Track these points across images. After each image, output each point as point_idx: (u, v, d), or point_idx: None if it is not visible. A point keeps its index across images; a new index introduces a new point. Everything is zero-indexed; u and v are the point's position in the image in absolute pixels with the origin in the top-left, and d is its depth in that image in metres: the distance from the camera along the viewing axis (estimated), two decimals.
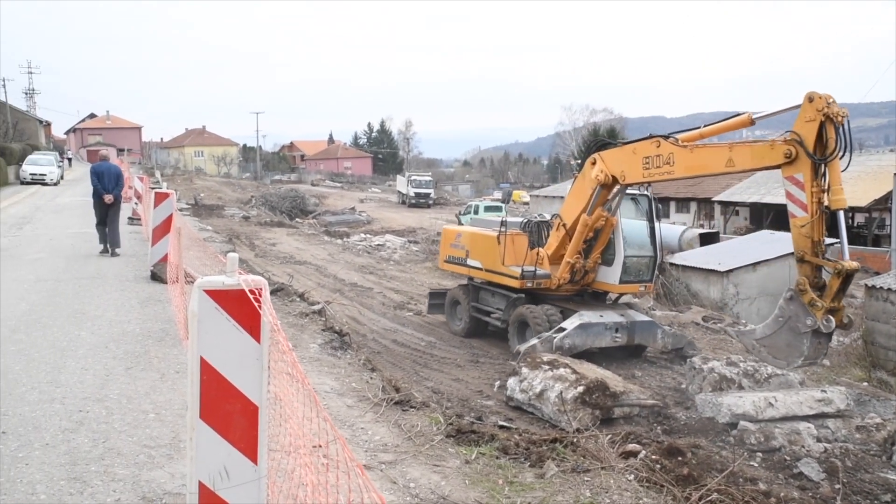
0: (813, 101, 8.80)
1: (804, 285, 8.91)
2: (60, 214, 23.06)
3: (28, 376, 6.48)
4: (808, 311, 8.85)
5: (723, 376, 10.30)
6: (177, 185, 43.16)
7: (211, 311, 3.16)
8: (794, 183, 8.99)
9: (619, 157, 12.02)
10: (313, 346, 8.38)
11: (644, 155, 11.34)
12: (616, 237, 13.10)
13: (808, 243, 8.92)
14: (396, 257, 27.46)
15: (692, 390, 10.60)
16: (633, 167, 11.63)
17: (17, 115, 68.40)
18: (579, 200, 12.84)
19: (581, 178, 12.93)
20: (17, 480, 4.43)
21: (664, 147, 10.99)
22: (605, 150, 12.39)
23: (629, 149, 11.84)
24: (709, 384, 10.29)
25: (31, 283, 11.06)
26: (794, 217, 9.04)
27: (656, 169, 11.11)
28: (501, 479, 5.18)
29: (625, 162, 11.82)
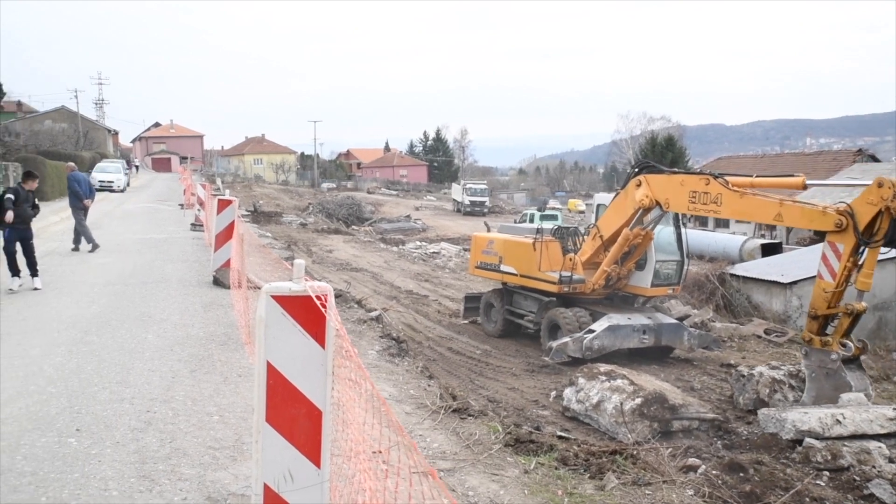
0: (882, 186, 8.93)
1: (809, 335, 9.67)
2: (127, 220, 23.81)
3: (99, 376, 6.71)
4: (826, 351, 9.51)
5: (773, 378, 10.38)
6: (236, 192, 44.05)
7: (278, 317, 3.22)
8: (833, 250, 9.38)
9: (665, 184, 12.14)
10: (371, 352, 8.45)
11: (692, 189, 11.46)
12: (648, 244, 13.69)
13: (824, 305, 9.50)
14: (451, 265, 27.51)
15: (744, 401, 10.56)
16: (678, 198, 11.80)
17: (88, 124, 71.01)
18: (619, 216, 13.26)
19: (623, 195, 13.18)
20: (91, 476, 4.59)
21: (713, 186, 11.05)
22: (651, 174, 12.52)
23: (677, 179, 11.95)
24: (764, 386, 10.30)
25: (101, 286, 11.44)
26: (821, 279, 9.54)
27: (702, 205, 11.29)
28: (561, 490, 5.14)
29: (671, 191, 11.98)
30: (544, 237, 14.66)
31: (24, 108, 67.37)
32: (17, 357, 7.30)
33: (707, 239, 26.06)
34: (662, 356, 13.80)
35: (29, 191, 11.46)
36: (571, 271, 13.97)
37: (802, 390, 10.08)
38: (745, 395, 10.62)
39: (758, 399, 10.39)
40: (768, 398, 10.33)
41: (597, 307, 14.02)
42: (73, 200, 16.06)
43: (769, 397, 10.32)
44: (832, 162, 40.62)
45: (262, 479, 3.29)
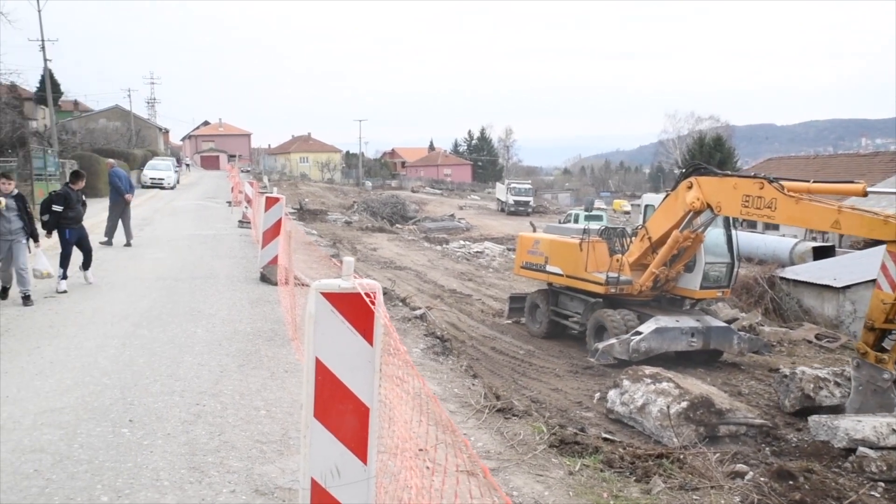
0: None
1: (864, 348, 9.34)
2: (176, 217, 24.30)
3: (151, 369, 6.87)
4: (878, 368, 9.24)
5: (817, 377, 10.22)
6: (282, 190, 44.57)
7: (327, 313, 3.25)
8: (894, 260, 9.11)
9: (717, 187, 11.91)
10: (416, 350, 8.49)
11: (745, 193, 11.20)
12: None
13: (882, 317, 9.23)
14: (495, 265, 27.46)
15: (790, 402, 10.38)
16: (731, 202, 11.56)
17: (140, 122, 72.68)
18: (668, 218, 13.06)
19: (674, 197, 12.97)
20: (143, 466, 4.70)
21: (768, 190, 10.79)
22: (703, 177, 12.27)
23: (730, 182, 11.70)
24: (808, 382, 10.14)
25: (152, 281, 11.70)
26: (880, 289, 9.28)
27: (756, 210, 11.02)
28: (606, 493, 5.10)
29: (723, 194, 11.75)
30: (591, 238, 14.55)
31: (80, 107, 69.31)
32: (74, 349, 7.52)
33: (756, 241, 25.51)
34: (709, 360, 13.57)
35: (77, 190, 11.54)
36: (618, 272, 13.84)
37: (849, 388, 9.87)
38: (790, 395, 10.42)
39: (803, 396, 10.23)
40: (814, 394, 10.15)
41: (644, 309, 13.86)
42: (113, 196, 16.50)
43: (815, 393, 10.15)
44: (889, 163, 39.38)
45: (309, 473, 3.32)
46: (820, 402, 10.20)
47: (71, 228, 11.23)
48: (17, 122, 25.47)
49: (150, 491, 4.38)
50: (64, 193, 11.32)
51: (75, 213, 11.27)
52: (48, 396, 6.01)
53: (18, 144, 23.40)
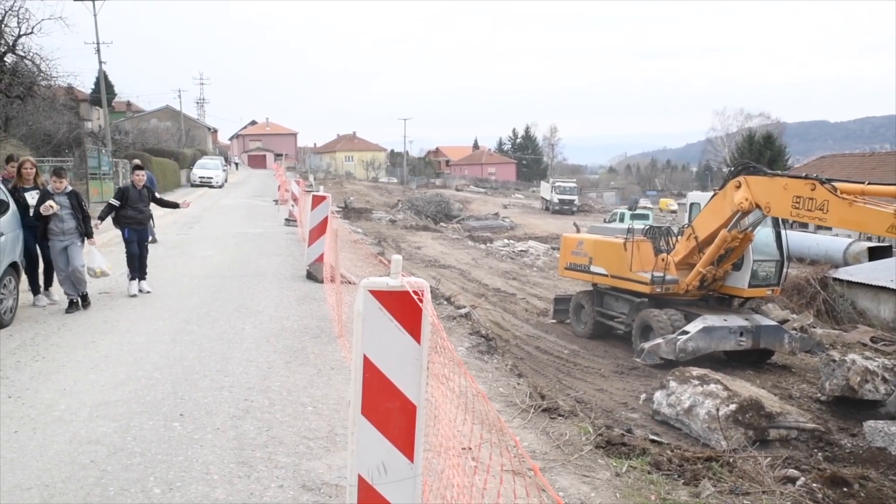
0: None
1: None
2: (225, 215, 24.71)
3: (200, 364, 7.00)
4: None
5: (866, 369, 10.01)
6: (328, 188, 44.97)
7: (375, 311, 3.27)
8: None
9: (767, 187, 11.64)
10: (461, 349, 8.49)
11: (796, 194, 10.93)
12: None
13: None
14: (539, 263, 27.33)
15: (830, 386, 10.11)
16: (781, 202, 11.30)
17: (190, 122, 74.22)
18: (716, 217, 12.83)
19: (721, 196, 12.73)
20: (194, 460, 4.79)
21: (820, 192, 10.49)
22: (752, 176, 11.99)
23: (780, 182, 11.42)
24: (855, 374, 9.93)
25: (201, 278, 11.92)
26: None
27: (807, 211, 10.74)
28: (654, 495, 5.03)
29: (773, 194, 11.48)
30: (636, 237, 14.39)
31: (132, 107, 71.05)
32: (126, 344, 7.70)
33: (807, 241, 24.91)
34: (758, 362, 13.31)
35: (141, 187, 10.73)
36: (664, 272, 13.67)
37: (895, 387, 9.61)
38: (832, 380, 10.17)
39: (846, 386, 10.00)
40: (858, 387, 9.89)
41: (690, 308, 13.67)
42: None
43: (859, 386, 9.89)
44: None
45: (356, 470, 3.34)
46: (861, 396, 9.98)
47: (131, 228, 10.59)
48: (74, 122, 26.23)
49: (200, 484, 4.46)
50: (124, 189, 10.82)
51: (135, 212, 10.58)
52: (103, 390, 6.17)
53: (74, 144, 24.09)
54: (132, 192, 10.60)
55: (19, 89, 19.01)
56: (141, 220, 10.70)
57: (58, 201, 9.12)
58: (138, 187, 10.65)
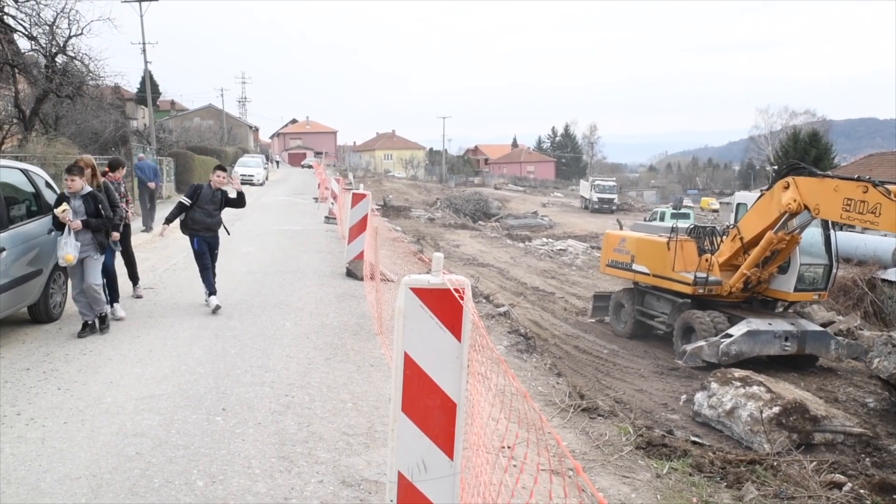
0: None
1: None
2: (266, 213, 25.00)
3: (242, 360, 7.10)
4: None
5: None
6: (367, 186, 45.26)
7: (416, 309, 3.28)
8: None
9: (816, 188, 11.35)
10: (500, 347, 8.48)
11: (847, 196, 10.63)
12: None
13: None
14: (579, 262, 27.16)
15: (879, 365, 9.89)
16: (831, 205, 11.00)
17: (232, 121, 75.28)
18: (763, 218, 12.58)
19: (769, 197, 12.46)
20: (236, 454, 4.86)
21: (872, 195, 10.20)
22: (801, 177, 11.71)
23: (830, 184, 11.12)
24: None
25: (243, 275, 12.08)
26: None
27: (858, 214, 10.44)
28: (696, 498, 4.97)
29: (822, 196, 11.19)
30: (679, 236, 14.19)
31: (176, 106, 72.24)
32: (171, 339, 7.84)
33: (854, 241, 24.32)
34: (803, 365, 13.03)
35: (217, 189, 9.39)
36: (707, 272, 13.46)
37: None
38: (884, 361, 9.88)
39: (893, 376, 9.72)
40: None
41: (734, 311, 13.43)
42: (139, 185, 18.03)
43: None
44: None
45: (396, 466, 3.36)
46: None
47: (199, 236, 9.31)
48: (120, 121, 26.77)
49: (242, 478, 4.52)
50: (197, 186, 9.47)
51: (203, 214, 9.26)
52: (148, 383, 6.29)
53: (121, 143, 24.60)
54: (205, 191, 9.33)
55: (69, 89, 19.46)
56: (210, 224, 9.38)
57: (72, 205, 7.81)
58: (214, 188, 9.37)
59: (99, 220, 7.91)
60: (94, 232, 7.89)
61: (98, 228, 7.92)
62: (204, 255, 9.34)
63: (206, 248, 9.37)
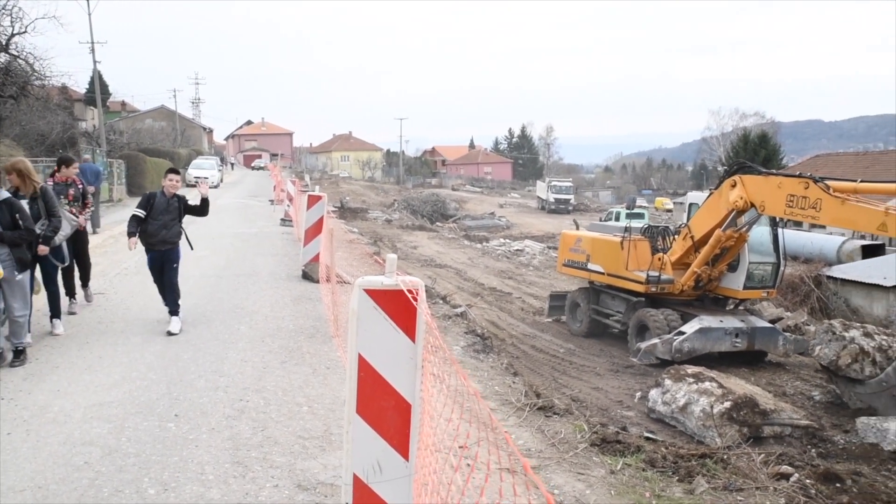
0: None
1: None
2: (220, 215, 24.62)
3: (196, 364, 6.99)
4: None
5: (861, 349, 10.07)
6: (324, 188, 44.92)
7: (369, 310, 3.27)
8: None
9: (761, 186, 11.70)
10: (456, 348, 8.50)
11: (790, 192, 11.00)
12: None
13: None
14: (536, 263, 27.36)
15: (820, 353, 10.23)
16: (775, 201, 11.35)
17: (185, 122, 74.06)
18: (712, 217, 12.85)
19: (717, 195, 12.77)
20: (189, 460, 4.79)
21: (813, 190, 10.57)
22: (747, 175, 12.05)
23: (774, 181, 11.49)
24: (848, 355, 10.01)
25: (196, 279, 11.90)
26: None
27: (800, 210, 10.82)
28: (649, 492, 5.04)
29: (767, 193, 11.54)
30: (633, 236, 14.39)
31: (127, 107, 70.77)
32: (121, 344, 7.69)
33: (801, 239, 24.97)
34: (753, 360, 13.33)
35: (172, 196, 8.43)
36: (660, 271, 13.68)
37: (882, 368, 9.79)
38: (825, 349, 10.21)
39: (834, 362, 10.04)
40: (844, 367, 9.95)
41: (687, 309, 13.67)
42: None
43: (846, 366, 9.95)
44: None
45: (351, 469, 3.35)
46: (846, 374, 10.04)
47: (155, 251, 8.39)
48: (68, 122, 26.16)
49: (195, 484, 4.45)
50: (150, 195, 8.54)
51: (159, 226, 8.28)
52: (97, 390, 6.16)
53: (69, 144, 24.04)
54: (159, 201, 8.34)
55: (12, 89, 18.97)
56: (166, 237, 8.37)
57: None
58: (168, 195, 8.40)
59: (14, 233, 6.67)
60: (12, 246, 6.66)
61: (14, 242, 6.69)
62: (156, 270, 8.51)
63: (160, 263, 8.47)
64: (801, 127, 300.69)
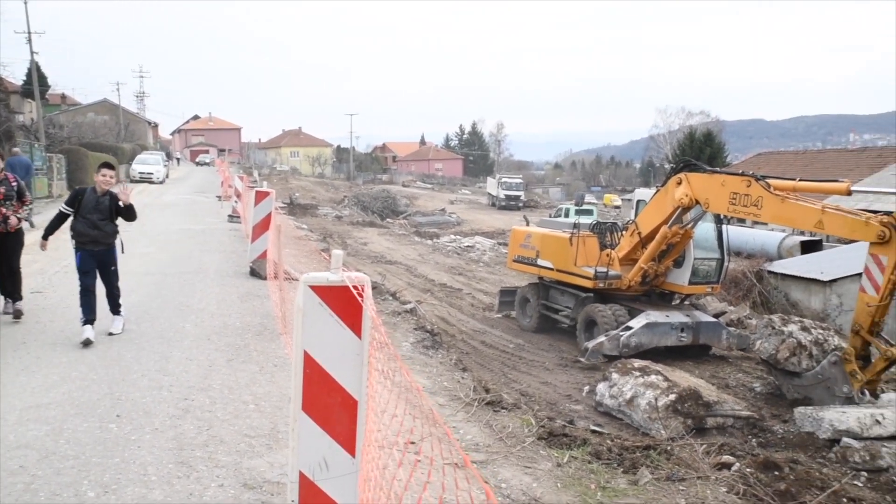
0: None
1: (850, 356, 9.43)
2: (166, 212, 24.18)
3: (139, 364, 6.85)
4: (846, 378, 9.41)
5: (798, 343, 10.31)
6: (273, 184, 44.47)
7: (315, 306, 3.25)
8: (876, 262, 9.17)
9: (706, 184, 11.96)
10: (405, 344, 8.50)
11: (733, 190, 11.27)
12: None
13: (868, 320, 9.28)
14: (486, 259, 27.48)
15: (760, 347, 10.54)
16: (719, 199, 11.61)
17: (129, 116, 72.31)
18: (658, 213, 13.06)
19: (664, 192, 13.00)
20: (131, 461, 4.69)
21: (755, 189, 10.86)
22: (692, 173, 12.33)
23: (718, 179, 11.76)
24: (786, 349, 10.25)
25: (141, 276, 11.65)
26: (864, 293, 9.36)
27: (742, 207, 11.10)
28: (594, 484, 5.12)
29: (711, 191, 11.80)
30: (581, 232, 14.57)
31: (67, 100, 68.68)
32: (60, 344, 7.48)
33: (744, 235, 25.64)
34: (698, 354, 13.63)
35: (104, 193, 7.79)
36: (608, 267, 13.86)
37: (818, 362, 10.09)
38: (765, 343, 10.51)
39: (773, 356, 10.35)
40: (783, 361, 10.26)
41: (634, 304, 13.88)
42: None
43: (784, 360, 10.25)
44: (876, 159, 39.63)
45: (297, 466, 3.32)
46: (784, 367, 10.35)
47: (84, 250, 7.74)
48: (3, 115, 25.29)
49: (137, 486, 4.36)
50: (79, 191, 7.96)
51: (88, 225, 7.67)
52: (34, 392, 5.98)
53: (4, 138, 23.24)
54: (88, 197, 7.74)
55: None
56: (96, 237, 7.71)
57: None
58: (99, 192, 7.78)
59: None
60: None
61: None
62: (88, 273, 7.73)
63: (91, 266, 7.75)
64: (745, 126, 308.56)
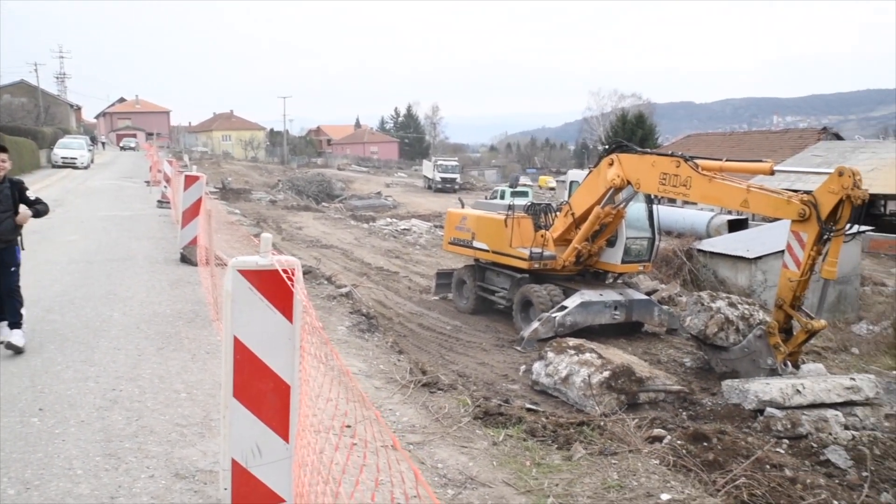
0: (842, 175, 9.08)
1: (774, 329, 9.81)
2: (91, 198, 23.37)
3: (63, 355, 6.62)
4: (771, 351, 9.79)
5: (726, 318, 10.61)
6: (204, 168, 43.37)
7: (244, 291, 3.19)
8: (798, 239, 9.55)
9: (637, 164, 12.19)
10: (341, 328, 8.44)
11: (663, 171, 11.53)
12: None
13: (790, 295, 9.68)
14: (422, 242, 27.48)
15: (690, 323, 10.83)
16: (649, 179, 11.86)
17: (49, 99, 69.39)
18: (591, 194, 13.25)
19: (596, 174, 13.20)
20: (55, 456, 4.54)
21: (683, 169, 11.13)
22: (624, 154, 12.54)
23: (649, 160, 12.00)
24: (714, 324, 10.56)
25: (64, 264, 11.25)
26: (786, 269, 9.73)
27: (672, 187, 11.39)
28: (529, 461, 5.20)
29: (642, 171, 12.04)
30: (516, 214, 14.67)
31: None
32: None
33: (675, 215, 26.33)
34: (631, 331, 13.95)
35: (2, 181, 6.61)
36: (542, 248, 14.01)
37: (744, 336, 10.44)
38: (694, 319, 10.83)
39: (702, 332, 10.67)
40: (711, 336, 10.60)
41: (569, 284, 14.05)
42: None
43: (713, 335, 10.59)
44: (798, 140, 41.31)
45: (229, 454, 3.28)
46: (713, 342, 10.69)
47: None
48: None
49: (62, 481, 4.23)
50: None
51: None
52: None
53: None
54: None
55: None
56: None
57: None
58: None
59: None
60: None
61: None
62: None
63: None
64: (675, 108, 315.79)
